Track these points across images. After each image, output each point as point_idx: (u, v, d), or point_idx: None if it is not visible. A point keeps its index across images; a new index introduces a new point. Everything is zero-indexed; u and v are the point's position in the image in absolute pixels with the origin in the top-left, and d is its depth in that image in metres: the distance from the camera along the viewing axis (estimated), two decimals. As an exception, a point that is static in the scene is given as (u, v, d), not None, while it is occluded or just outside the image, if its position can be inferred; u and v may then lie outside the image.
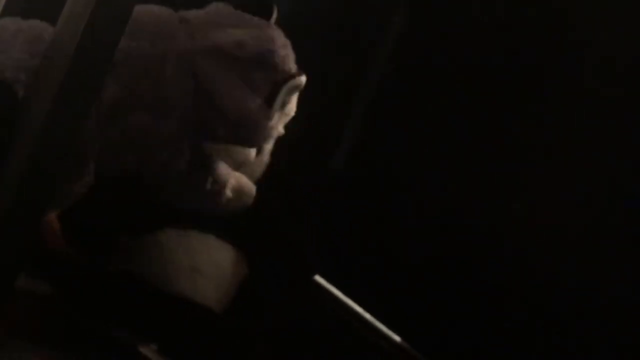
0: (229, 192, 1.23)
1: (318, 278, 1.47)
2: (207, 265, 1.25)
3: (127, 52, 1.12)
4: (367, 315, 1.44)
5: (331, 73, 1.60)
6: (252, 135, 1.19)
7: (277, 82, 1.17)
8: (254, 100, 1.16)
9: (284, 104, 1.20)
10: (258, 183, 1.28)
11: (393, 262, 1.46)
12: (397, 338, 1.40)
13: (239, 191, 1.25)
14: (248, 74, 1.16)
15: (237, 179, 1.24)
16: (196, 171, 1.20)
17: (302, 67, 1.58)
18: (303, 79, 1.20)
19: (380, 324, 1.42)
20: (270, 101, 1.17)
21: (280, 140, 1.38)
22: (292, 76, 1.19)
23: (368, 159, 1.58)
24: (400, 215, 1.49)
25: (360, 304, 1.45)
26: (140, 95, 1.14)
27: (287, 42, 1.20)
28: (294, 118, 1.37)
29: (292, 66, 1.20)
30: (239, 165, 1.28)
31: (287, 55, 1.19)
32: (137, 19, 1.11)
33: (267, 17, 1.23)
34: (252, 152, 1.30)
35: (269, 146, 1.37)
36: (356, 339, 1.44)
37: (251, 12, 1.21)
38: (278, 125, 1.21)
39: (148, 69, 1.14)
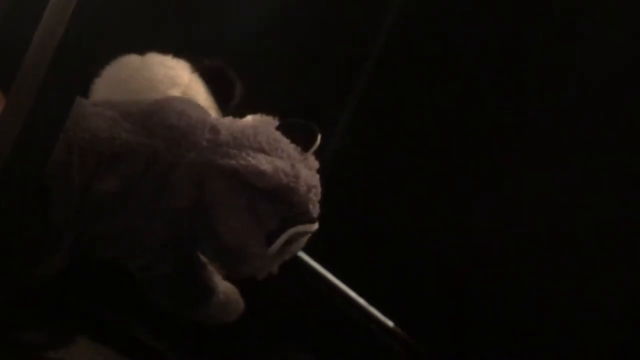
0: (214, 306, 1.17)
1: (312, 262, 1.49)
2: None
3: (133, 148, 1.06)
4: (361, 300, 1.45)
5: (326, 67, 1.60)
6: (239, 267, 1.12)
7: (286, 221, 1.07)
8: (255, 233, 1.06)
9: (288, 243, 1.08)
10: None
11: (386, 248, 1.47)
12: (390, 323, 1.42)
13: (225, 305, 1.19)
14: (258, 204, 1.06)
15: (225, 294, 1.19)
16: (180, 277, 1.14)
17: (297, 59, 1.60)
18: (314, 226, 1.09)
19: (374, 309, 1.44)
20: (272, 237, 1.06)
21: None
22: (303, 222, 1.08)
23: (362, 147, 1.59)
24: (392, 203, 1.50)
25: (353, 289, 1.47)
26: (137, 195, 1.06)
27: (316, 184, 1.10)
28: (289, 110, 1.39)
29: (312, 209, 1.09)
30: None
31: (309, 198, 1.08)
32: (164, 116, 1.08)
33: (310, 142, 1.13)
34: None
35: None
36: (348, 323, 1.46)
37: (293, 134, 1.12)
38: (274, 263, 1.12)
39: (154, 171, 1.06)
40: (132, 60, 1.26)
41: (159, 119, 1.08)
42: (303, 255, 1.51)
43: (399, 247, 1.45)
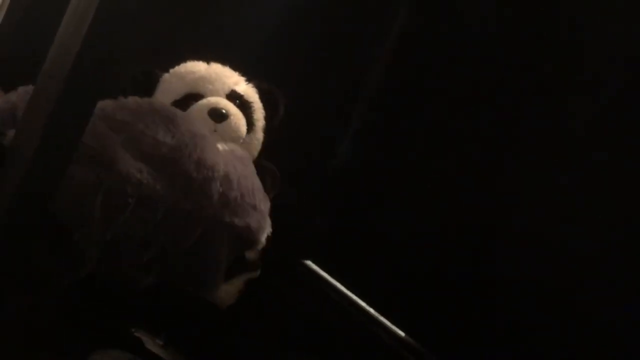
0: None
1: (321, 272, 1.49)
2: None
3: (158, 196, 1.14)
4: (371, 310, 1.45)
5: (331, 75, 1.60)
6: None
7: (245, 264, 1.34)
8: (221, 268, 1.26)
9: None
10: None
11: (394, 256, 1.47)
12: (401, 332, 1.41)
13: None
14: (233, 245, 1.25)
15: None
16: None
17: (305, 67, 1.61)
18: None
19: (383, 318, 1.43)
20: (230, 272, 1.30)
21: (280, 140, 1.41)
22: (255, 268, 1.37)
23: (367, 154, 1.59)
24: (398, 212, 1.49)
25: (361, 297, 1.46)
26: (155, 235, 1.16)
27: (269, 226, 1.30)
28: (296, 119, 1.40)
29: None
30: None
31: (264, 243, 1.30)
32: (184, 167, 1.16)
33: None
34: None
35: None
36: (358, 333, 1.45)
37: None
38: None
39: (172, 217, 1.15)
40: (199, 62, 1.42)
41: (180, 170, 1.17)
42: (312, 264, 1.51)
43: (407, 256, 1.45)
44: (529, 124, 1.39)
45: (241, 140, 1.35)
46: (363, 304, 1.45)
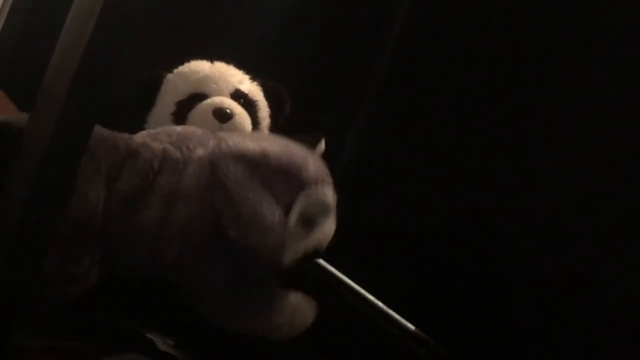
0: (281, 316, 1.19)
1: (330, 267, 1.48)
2: None
3: (148, 146, 1.13)
4: (380, 304, 1.45)
5: (336, 72, 1.61)
6: (263, 241, 1.11)
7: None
8: (272, 206, 1.10)
9: (309, 225, 1.16)
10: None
11: (402, 250, 1.47)
12: (411, 326, 1.41)
13: (294, 313, 1.21)
14: (272, 183, 1.12)
15: (297, 298, 1.20)
16: (237, 289, 1.16)
17: (307, 69, 1.61)
18: (327, 198, 1.18)
19: (392, 311, 1.43)
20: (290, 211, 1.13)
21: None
22: (310, 184, 1.15)
23: (374, 150, 1.59)
24: (405, 209, 1.49)
25: (370, 291, 1.46)
26: (157, 189, 1.11)
27: (325, 170, 1.19)
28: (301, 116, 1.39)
29: (322, 186, 1.17)
30: None
31: (319, 176, 1.16)
32: (171, 130, 1.17)
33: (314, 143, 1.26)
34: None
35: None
36: (369, 327, 1.45)
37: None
38: (297, 244, 1.15)
39: (167, 166, 1.13)
40: (203, 62, 1.42)
41: (166, 131, 1.17)
42: (321, 261, 1.51)
43: (417, 250, 1.45)
44: (533, 122, 1.39)
45: None
46: (372, 297, 1.45)
